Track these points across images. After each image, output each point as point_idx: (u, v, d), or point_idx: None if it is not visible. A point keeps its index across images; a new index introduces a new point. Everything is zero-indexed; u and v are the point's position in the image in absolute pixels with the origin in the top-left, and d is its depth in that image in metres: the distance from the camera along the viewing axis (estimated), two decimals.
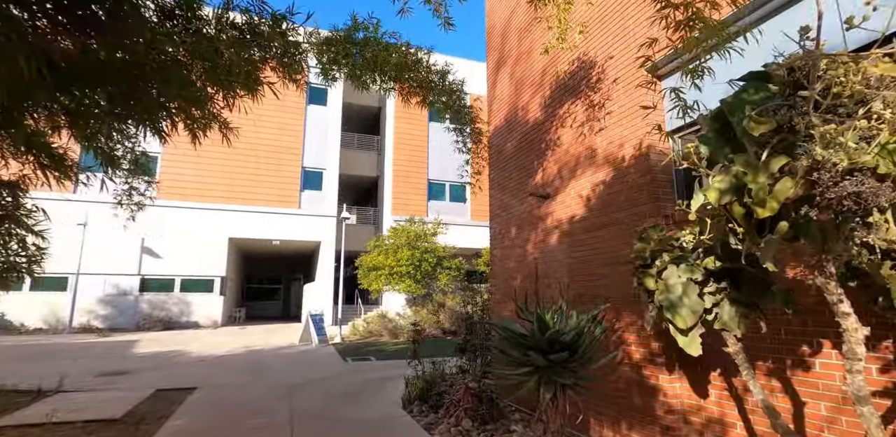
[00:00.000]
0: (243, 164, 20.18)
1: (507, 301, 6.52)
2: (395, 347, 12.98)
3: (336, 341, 13.78)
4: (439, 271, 15.63)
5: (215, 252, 19.04)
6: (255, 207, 19.91)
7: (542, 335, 3.53)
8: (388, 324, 15.05)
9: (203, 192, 19.39)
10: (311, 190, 21.26)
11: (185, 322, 18.06)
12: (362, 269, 16.17)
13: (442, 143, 23.99)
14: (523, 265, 6.06)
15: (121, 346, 12.44)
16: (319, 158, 21.69)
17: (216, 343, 13.15)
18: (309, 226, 20.58)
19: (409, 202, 22.15)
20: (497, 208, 7.01)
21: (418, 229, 15.90)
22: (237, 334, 15.70)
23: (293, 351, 11.84)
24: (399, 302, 19.32)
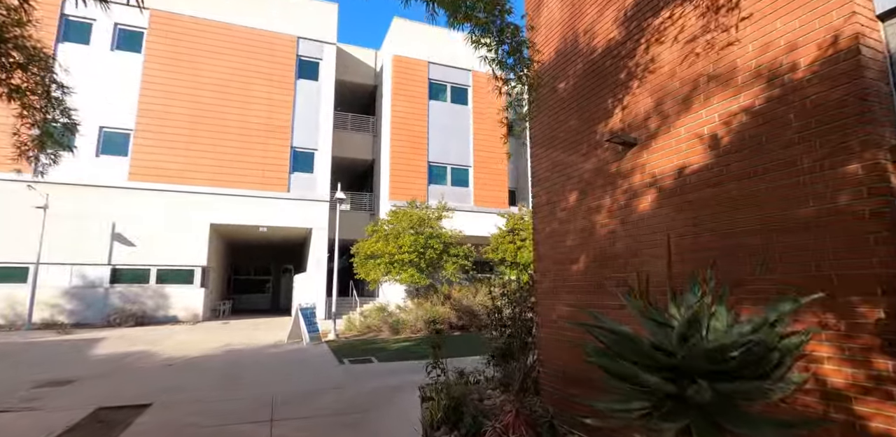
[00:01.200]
0: (227, 142, 18.33)
1: (560, 292, 4.93)
2: (397, 345, 11.40)
3: (330, 337, 12.17)
4: (445, 259, 14.02)
5: (196, 240, 17.28)
6: (239, 190, 18.11)
7: (694, 348, 1.92)
8: (389, 318, 13.45)
9: (182, 173, 17.54)
10: (302, 172, 19.48)
11: (162, 317, 16.34)
12: (359, 257, 14.53)
13: (443, 122, 22.27)
14: (590, 242, 4.46)
15: (81, 345, 10.73)
16: (310, 137, 19.88)
17: (192, 341, 11.48)
18: (299, 211, 18.84)
19: (408, 186, 20.46)
20: (544, 170, 5.38)
21: (421, 213, 14.25)
22: (219, 331, 14.02)
23: (280, 351, 10.21)
24: (399, 294, 17.72)
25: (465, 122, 22.71)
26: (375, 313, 13.53)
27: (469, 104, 23.01)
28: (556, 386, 4.89)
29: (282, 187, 18.80)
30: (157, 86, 17.76)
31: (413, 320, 13.20)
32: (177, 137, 17.71)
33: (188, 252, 17.13)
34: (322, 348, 10.65)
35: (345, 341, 12.02)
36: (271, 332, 13.74)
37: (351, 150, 23.21)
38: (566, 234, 4.85)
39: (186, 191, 17.44)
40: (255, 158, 18.62)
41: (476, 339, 13.48)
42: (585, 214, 4.57)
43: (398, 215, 14.19)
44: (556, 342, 4.93)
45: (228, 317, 19.12)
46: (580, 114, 4.78)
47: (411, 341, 12.12)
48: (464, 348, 10.94)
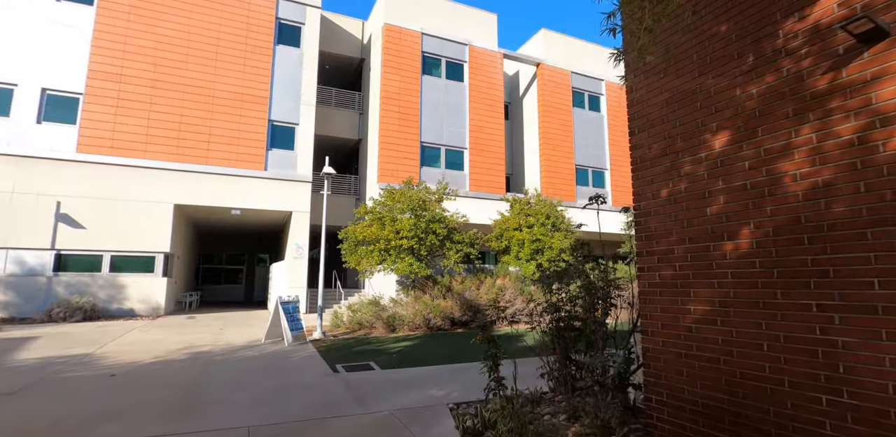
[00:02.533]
0: (194, 112, 16.09)
1: (695, 284, 3.31)
2: (397, 345, 9.69)
3: (315, 336, 10.36)
4: (448, 247, 12.31)
5: (158, 223, 15.09)
6: (209, 167, 15.94)
7: None
8: (382, 313, 11.71)
9: (141, 145, 15.26)
10: (281, 149, 17.38)
11: (117, 310, 14.17)
12: (348, 243, 12.68)
13: (437, 100, 20.41)
14: (767, 205, 2.83)
15: (2, 347, 8.63)
16: (291, 110, 17.76)
17: (148, 342, 9.50)
18: (278, 192, 16.79)
19: (399, 168, 18.61)
20: (656, 109, 3.72)
21: (422, 194, 12.47)
22: (182, 327, 12.01)
23: (257, 355, 8.36)
24: (389, 286, 15.95)
25: (460, 100, 20.92)
26: (367, 308, 11.75)
27: (465, 81, 21.20)
28: (682, 424, 3.26)
29: (258, 165, 16.69)
30: (112, 44, 15.34)
31: (411, 315, 11.49)
32: (135, 103, 15.39)
33: (148, 237, 14.94)
34: (308, 350, 8.84)
35: (333, 340, 10.23)
36: (245, 329, 11.83)
37: (335, 128, 21.17)
38: (709, 196, 3.20)
39: (147, 166, 15.18)
40: (228, 132, 16.44)
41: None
42: (756, 162, 2.91)
43: (395, 196, 12.38)
44: (682, 358, 3.29)
45: (196, 310, 17.01)
46: (743, 12, 3.10)
47: (411, 340, 10.42)
48: (477, 349, 9.26)
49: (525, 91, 24.82)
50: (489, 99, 21.43)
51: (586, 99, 24.69)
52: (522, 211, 14.71)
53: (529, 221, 14.36)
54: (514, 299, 12.91)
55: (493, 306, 12.41)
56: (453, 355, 8.66)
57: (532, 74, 24.15)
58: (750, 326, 2.87)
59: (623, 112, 25.60)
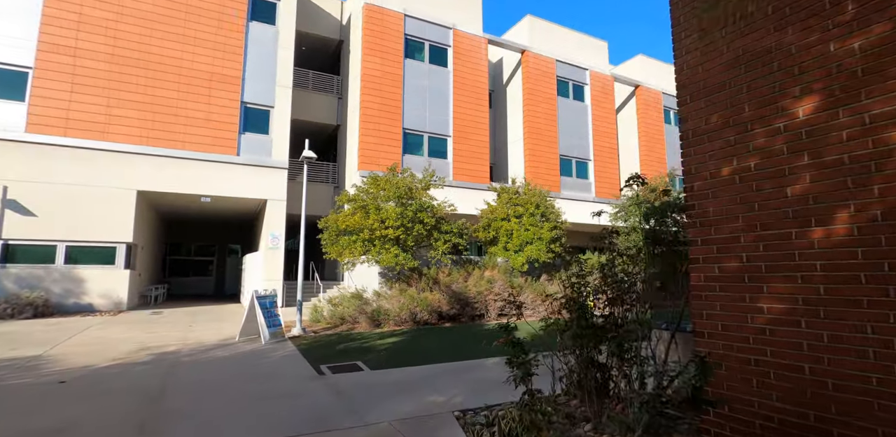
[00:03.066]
0: (160, 91, 14.89)
1: (769, 278, 2.80)
2: (383, 342, 9.08)
3: (295, 332, 9.64)
4: (436, 237, 11.69)
5: (119, 211, 13.94)
6: (176, 151, 14.81)
7: None
8: (366, 307, 11.06)
9: (100, 126, 14.02)
10: (254, 133, 16.34)
11: (73, 306, 13.05)
12: (328, 233, 11.91)
13: (420, 85, 19.63)
14: (874, 183, 2.33)
15: None
16: (265, 92, 16.69)
17: (106, 341, 8.60)
18: (251, 179, 15.80)
19: (380, 155, 17.82)
20: (717, 72, 3.18)
21: (407, 181, 11.77)
22: (146, 324, 11.08)
23: (232, 355, 7.61)
24: (370, 278, 15.28)
25: (444, 86, 20.18)
26: (350, 302, 11.08)
27: (449, 66, 20.46)
28: None
29: (230, 149, 15.64)
30: (66, 13, 13.96)
31: (397, 309, 10.88)
32: (93, 80, 14.10)
33: (109, 225, 13.79)
34: (287, 349, 8.13)
35: (314, 336, 9.53)
36: (217, 325, 10.99)
37: (312, 112, 20.16)
38: (790, 174, 2.67)
39: (107, 149, 13.97)
40: (197, 114, 15.30)
41: (478, 331, 11.38)
42: (858, 131, 2.39)
43: (379, 183, 11.64)
44: (751, 366, 2.79)
45: (162, 304, 15.95)
46: None
47: (398, 335, 9.82)
48: (471, 345, 8.77)
49: (509, 79, 24.24)
50: (474, 86, 20.77)
51: (571, 88, 24.30)
52: (511, 200, 14.20)
53: (518, 210, 13.86)
54: (503, 291, 12.44)
55: (481, 298, 11.91)
56: (446, 353, 8.11)
57: (516, 62, 23.56)
58: (849, 329, 2.38)
59: (608, 102, 25.38)
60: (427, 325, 11.24)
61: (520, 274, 13.40)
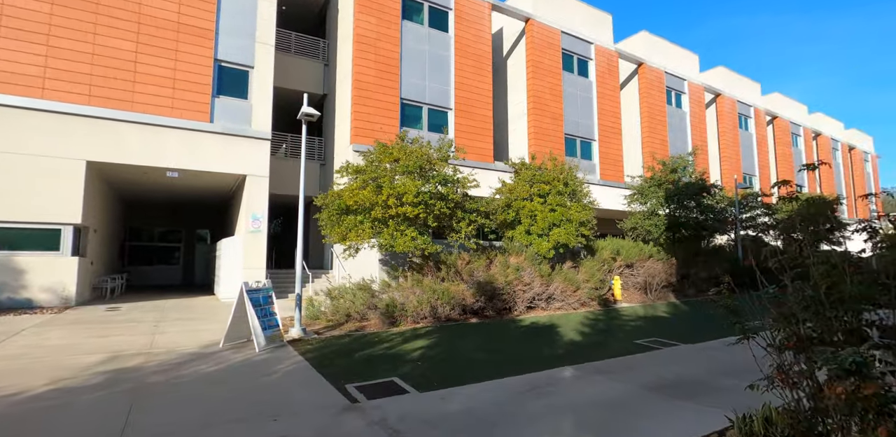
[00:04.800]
0: (114, 42, 12.30)
1: None
2: (410, 345, 7.22)
3: (294, 334, 7.66)
4: (461, 216, 9.80)
5: (64, 186, 11.44)
6: (135, 114, 12.32)
7: None
8: (378, 301, 9.16)
9: (37, 81, 11.40)
10: (231, 97, 13.93)
11: (7, 301, 10.60)
12: (328, 212, 9.87)
13: (419, 50, 17.46)
14: None
15: None
16: (243, 49, 14.25)
17: (44, 350, 6.41)
18: (227, 150, 13.46)
19: (376, 127, 15.72)
20: None
21: (424, 149, 9.80)
22: (101, 324, 8.84)
23: (217, 370, 5.60)
24: (369, 265, 13.32)
25: (445, 53, 18.11)
26: (358, 295, 9.14)
27: (450, 32, 18.36)
28: None
29: (201, 115, 13.21)
30: None
31: (415, 303, 9.02)
32: (25, 24, 11.41)
33: (52, 203, 11.30)
34: (291, 359, 6.18)
35: (320, 339, 7.57)
36: (192, 324, 8.87)
37: (295, 80, 17.77)
38: None
39: (46, 109, 11.38)
40: (161, 70, 12.78)
41: (516, 329, 9.47)
42: None
43: (391, 151, 9.62)
44: None
45: (121, 298, 13.55)
46: None
47: (423, 336, 7.98)
48: (522, 348, 6.97)
49: (510, 51, 22.32)
50: (476, 54, 18.77)
51: (575, 63, 22.59)
52: (535, 178, 12.42)
53: (542, 188, 12.11)
54: (532, 280, 10.75)
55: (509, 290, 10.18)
56: (499, 360, 6.34)
57: (518, 32, 21.64)
58: None
59: (612, 79, 23.82)
60: (450, 321, 9.44)
61: (542, 261, 11.72)
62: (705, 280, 15.06)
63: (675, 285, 14.26)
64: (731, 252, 16.71)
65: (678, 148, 25.69)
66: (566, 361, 6.31)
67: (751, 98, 32.59)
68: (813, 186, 37.51)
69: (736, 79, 31.98)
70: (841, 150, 42.12)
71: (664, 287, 14.05)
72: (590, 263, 12.72)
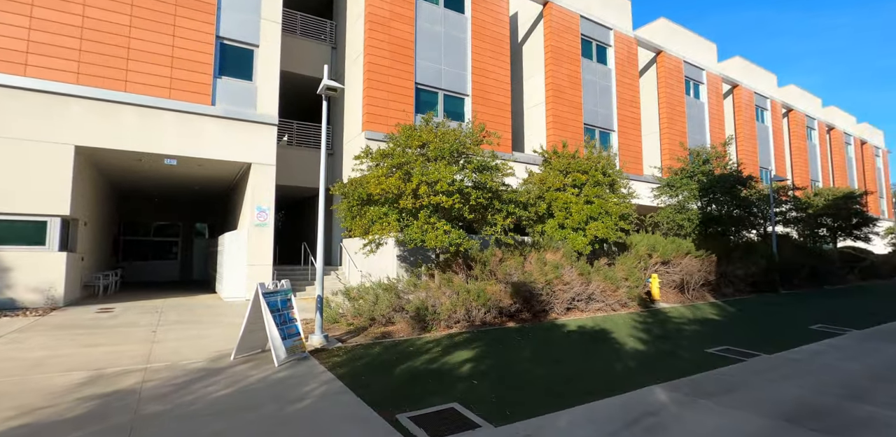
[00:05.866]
0: (104, 14, 11.11)
1: None
2: (454, 356, 6.17)
3: (316, 342, 6.60)
4: (498, 207, 8.73)
5: (50, 173, 10.29)
6: (129, 95, 11.16)
7: None
8: (406, 304, 8.11)
9: (20, 57, 10.22)
10: (235, 78, 12.77)
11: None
12: (348, 202, 8.79)
13: (434, 33, 16.33)
14: None
15: None
16: (247, 24, 13.07)
17: (17, 366, 5.31)
18: (231, 136, 12.32)
19: (389, 114, 14.62)
20: None
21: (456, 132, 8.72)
22: (89, 330, 7.74)
23: (231, 394, 4.53)
24: (385, 262, 12.26)
25: (461, 36, 16.97)
26: (383, 296, 8.08)
27: (467, 13, 17.22)
28: None
29: (202, 97, 12.05)
30: None
31: (449, 306, 7.97)
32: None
33: (36, 193, 10.15)
34: (319, 376, 5.12)
35: (345, 349, 6.51)
36: (194, 329, 7.78)
37: (301, 63, 16.63)
38: None
39: (29, 87, 10.21)
40: (157, 47, 11.61)
41: (565, 335, 7.91)
42: None
43: (420, 134, 8.52)
44: None
45: (114, 296, 12.43)
46: None
47: (463, 343, 6.93)
48: (585, 358, 5.92)
49: (526, 36, 21.17)
50: (494, 37, 17.63)
51: (594, 49, 21.48)
52: (569, 166, 11.35)
53: (579, 178, 11.06)
54: (572, 279, 9.73)
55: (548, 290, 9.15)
56: (567, 376, 5.31)
57: (536, 16, 20.49)
58: None
59: (632, 67, 22.73)
60: (485, 325, 8.40)
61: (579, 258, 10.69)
62: (742, 278, 14.10)
63: (712, 284, 13.27)
64: (766, 248, 15.73)
65: (696, 140, 24.70)
66: (646, 376, 5.29)
67: (767, 90, 31.61)
68: (827, 180, 36.68)
69: (753, 69, 30.95)
70: (853, 144, 41.29)
71: (702, 286, 13.06)
72: (627, 259, 11.70)
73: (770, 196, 16.43)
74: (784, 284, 15.23)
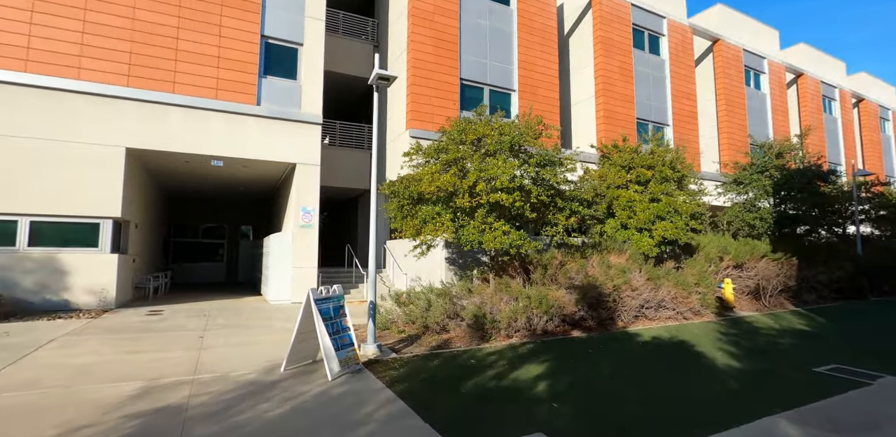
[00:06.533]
0: (153, 16, 11.12)
1: None
2: (524, 371, 5.49)
3: (370, 352, 6.08)
4: (561, 206, 8.01)
5: (101, 175, 10.34)
6: (177, 96, 11.11)
7: None
8: (458, 309, 7.51)
9: (74, 60, 10.32)
10: (279, 77, 12.59)
11: (42, 303, 9.56)
12: (398, 201, 8.28)
13: (479, 26, 15.72)
14: None
15: None
16: (292, 23, 12.87)
17: (63, 374, 5.05)
18: (276, 136, 12.12)
19: (435, 111, 14.11)
20: None
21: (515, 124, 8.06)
22: (137, 334, 7.54)
23: (283, 416, 4.04)
24: (433, 264, 11.71)
25: (507, 28, 16.29)
26: (437, 302, 7.50)
27: (512, 5, 16.52)
28: None
29: (248, 97, 11.91)
30: None
31: (509, 313, 7.30)
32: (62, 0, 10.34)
33: (89, 195, 10.20)
34: (377, 393, 4.58)
35: (403, 362, 5.95)
36: (242, 335, 7.45)
37: (343, 63, 16.38)
38: None
39: (83, 91, 10.29)
40: (204, 48, 11.55)
41: (640, 347, 6.62)
42: None
43: (475, 128, 7.91)
44: None
45: (164, 298, 12.45)
46: None
47: (532, 356, 6.23)
48: (678, 382, 4.84)
49: (573, 28, 20.22)
50: (540, 29, 16.85)
51: (646, 39, 20.28)
52: (633, 161, 10.48)
53: (644, 174, 10.16)
54: (641, 284, 8.86)
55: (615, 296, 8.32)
56: (660, 399, 4.54)
57: (583, 6, 19.53)
58: None
59: (687, 58, 21.36)
60: (547, 334, 7.68)
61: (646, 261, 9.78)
62: (826, 284, 12.70)
63: (792, 290, 11.99)
64: (849, 250, 14.19)
65: (758, 134, 22.95)
66: (758, 402, 4.46)
67: (835, 78, 29.20)
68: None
69: (819, 57, 28.67)
70: None
71: (780, 292, 11.81)
72: (696, 262, 10.67)
73: (854, 192, 14.82)
74: (873, 290, 13.66)
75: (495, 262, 8.84)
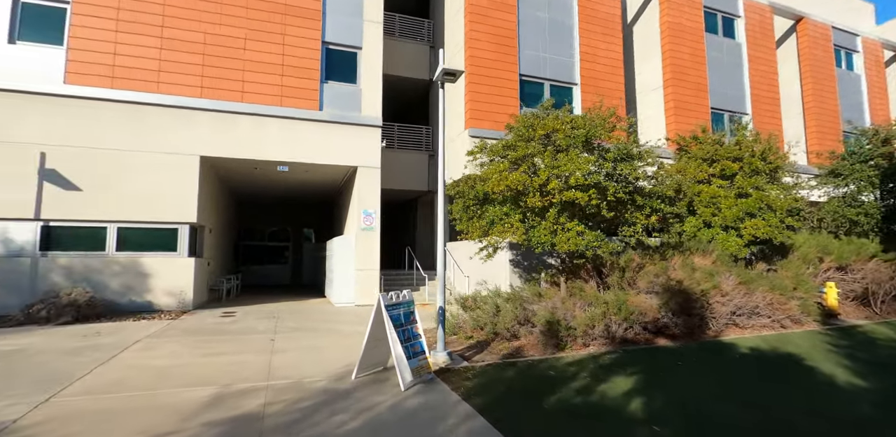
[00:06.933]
0: (223, 30, 11.57)
1: None
2: (612, 385, 4.97)
3: (440, 360, 5.80)
4: (639, 204, 7.39)
5: (179, 182, 10.85)
6: (244, 105, 11.48)
7: None
8: (529, 314, 7.08)
9: (153, 75, 10.92)
10: (339, 82, 12.72)
11: (128, 304, 10.15)
12: (464, 201, 7.99)
13: (537, 18, 15.15)
14: None
15: None
16: (350, 28, 12.98)
17: (143, 376, 5.15)
18: (337, 140, 12.24)
19: (494, 109, 13.70)
20: None
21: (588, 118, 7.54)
22: (212, 336, 7.73)
23: (359, 430, 3.82)
24: (497, 267, 11.30)
25: (567, 19, 15.60)
26: (506, 307, 7.12)
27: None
28: None
29: (310, 103, 12.12)
30: None
31: (586, 320, 6.79)
32: (141, 16, 10.97)
33: (167, 201, 10.74)
34: (453, 407, 4.27)
35: (475, 370, 5.63)
36: (311, 338, 7.43)
37: (400, 65, 16.35)
38: None
39: (162, 103, 10.85)
40: (269, 57, 11.86)
41: (732, 359, 5.65)
42: None
43: (544, 122, 7.48)
44: None
45: (235, 300, 12.93)
46: None
47: (612, 367, 5.70)
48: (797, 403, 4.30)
49: (637, 16, 19.11)
50: (603, 18, 16.00)
51: (720, 22, 18.79)
52: (716, 153, 9.58)
53: (730, 167, 9.23)
54: (732, 289, 8.00)
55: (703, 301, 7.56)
56: (783, 421, 3.89)
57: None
58: None
59: (766, 39, 19.58)
60: (626, 342, 7.08)
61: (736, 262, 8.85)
62: None
63: None
64: None
65: (853, 120, 20.60)
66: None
67: None
68: None
69: None
70: None
71: (893, 298, 10.37)
72: (792, 264, 9.57)
73: None
74: None
75: (566, 264, 8.32)
